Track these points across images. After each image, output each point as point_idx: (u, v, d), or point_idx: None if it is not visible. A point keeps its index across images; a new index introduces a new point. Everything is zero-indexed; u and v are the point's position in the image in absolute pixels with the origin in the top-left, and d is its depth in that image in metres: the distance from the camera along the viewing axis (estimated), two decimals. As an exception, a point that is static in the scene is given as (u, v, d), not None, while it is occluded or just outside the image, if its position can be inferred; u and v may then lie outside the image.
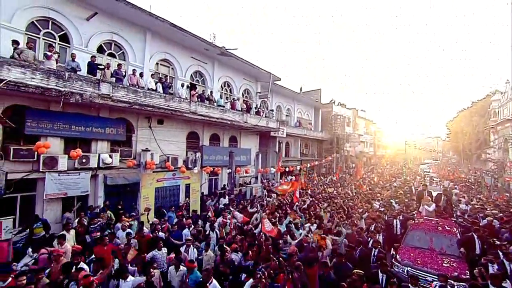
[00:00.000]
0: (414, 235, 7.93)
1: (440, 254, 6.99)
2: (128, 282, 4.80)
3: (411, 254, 7.04)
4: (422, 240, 7.64)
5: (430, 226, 8.25)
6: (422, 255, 6.95)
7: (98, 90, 9.09)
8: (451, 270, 6.20)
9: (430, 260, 6.70)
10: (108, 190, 10.24)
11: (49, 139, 8.94)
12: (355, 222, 9.42)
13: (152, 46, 12.23)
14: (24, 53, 7.84)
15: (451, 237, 7.53)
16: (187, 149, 13.54)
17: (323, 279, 5.39)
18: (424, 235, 7.80)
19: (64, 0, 9.48)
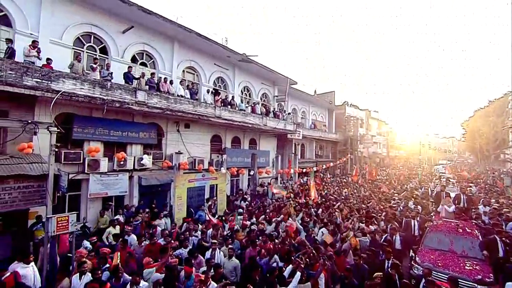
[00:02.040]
0: (433, 236, 7.78)
1: (462, 256, 6.81)
2: (141, 286, 4.83)
3: (431, 256, 6.90)
4: (442, 242, 7.47)
5: (449, 228, 8.08)
6: (442, 257, 6.80)
7: (135, 97, 9.79)
8: (474, 273, 6.04)
9: (452, 263, 6.55)
10: (142, 190, 10.94)
11: (91, 143, 9.71)
12: (375, 222, 9.61)
13: (179, 55, 12.91)
14: (75, 66, 8.62)
15: (472, 239, 7.32)
16: (211, 152, 14.16)
17: (345, 284, 5.47)
18: (443, 237, 7.64)
19: (105, 16, 10.25)
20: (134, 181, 10.66)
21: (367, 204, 12.80)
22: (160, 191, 11.56)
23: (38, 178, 6.85)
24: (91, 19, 9.97)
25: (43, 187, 6.88)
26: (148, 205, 10.48)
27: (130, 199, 10.65)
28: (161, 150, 11.86)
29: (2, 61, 7.09)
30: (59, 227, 6.25)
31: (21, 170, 6.71)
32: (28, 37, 8.45)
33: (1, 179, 6.30)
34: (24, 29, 8.44)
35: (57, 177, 7.10)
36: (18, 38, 8.35)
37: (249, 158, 15.54)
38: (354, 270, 5.72)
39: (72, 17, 9.46)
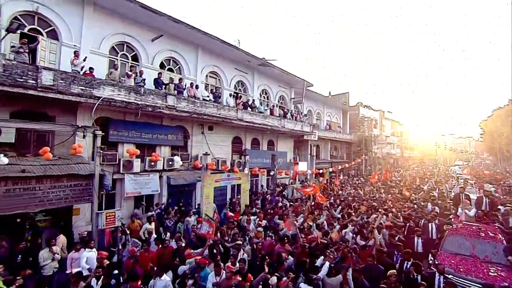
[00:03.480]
0: (453, 240, 7.43)
1: (485, 262, 6.46)
2: (162, 280, 5.01)
3: (451, 261, 6.61)
4: (463, 246, 7.13)
5: (471, 232, 7.65)
6: (464, 262, 6.50)
7: (165, 102, 10.38)
8: (499, 279, 5.70)
9: (474, 268, 6.22)
10: (170, 189, 11.52)
11: (125, 145, 10.36)
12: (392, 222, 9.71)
13: (203, 60, 13.46)
14: (112, 74, 9.27)
15: (496, 244, 6.90)
16: (232, 153, 14.66)
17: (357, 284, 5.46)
18: (464, 241, 7.28)
19: (136, 26, 10.89)
20: (163, 181, 11.24)
21: (383, 206, 12.90)
22: (186, 190, 12.14)
23: (86, 177, 7.47)
24: (124, 29, 10.63)
25: (90, 185, 7.51)
26: (176, 204, 11.07)
27: (159, 198, 11.23)
28: (187, 151, 12.44)
29: (55, 71, 7.77)
30: (108, 221, 6.86)
31: (72, 170, 7.35)
32: (72, 48, 9.16)
33: (57, 178, 6.95)
34: (68, 41, 9.15)
35: (101, 176, 7.70)
36: (64, 49, 9.07)
37: (268, 159, 15.95)
38: (368, 271, 5.70)
39: (108, 28, 10.14)
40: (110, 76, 9.32)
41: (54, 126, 7.74)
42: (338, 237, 7.71)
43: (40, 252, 6.06)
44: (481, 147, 53.14)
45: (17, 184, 6.34)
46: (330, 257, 5.77)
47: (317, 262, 5.97)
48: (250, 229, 8.65)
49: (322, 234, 7.89)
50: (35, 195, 6.62)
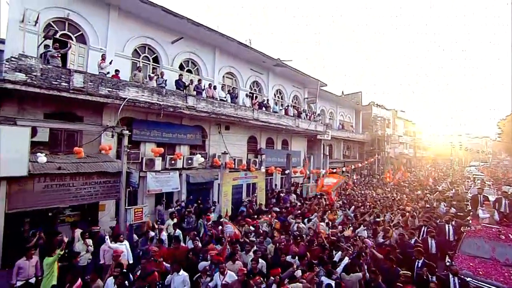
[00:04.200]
0: (472, 243, 7.22)
1: (506, 265, 6.27)
2: (179, 276, 5.07)
3: (470, 264, 6.45)
4: (482, 248, 6.92)
5: (490, 234, 7.43)
6: (483, 266, 6.33)
7: (185, 102, 10.66)
8: None
9: (495, 272, 6.05)
10: (189, 187, 11.82)
11: (147, 144, 10.71)
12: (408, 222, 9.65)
13: (220, 61, 13.70)
14: (136, 75, 9.61)
15: None
16: (247, 152, 14.86)
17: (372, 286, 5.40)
18: (483, 243, 7.06)
19: (157, 29, 11.21)
20: (183, 179, 11.54)
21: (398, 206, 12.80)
22: (204, 188, 12.42)
23: (114, 175, 7.82)
24: (146, 32, 10.97)
25: (117, 182, 7.84)
26: (194, 201, 11.36)
27: (179, 195, 11.54)
28: (205, 150, 12.71)
29: (85, 74, 8.16)
30: (136, 217, 7.17)
31: (101, 168, 7.71)
32: (99, 51, 9.55)
33: (88, 175, 7.31)
34: (95, 45, 9.55)
35: (128, 174, 8.02)
36: (91, 53, 9.48)
37: (282, 158, 16.08)
38: (386, 274, 5.59)
39: (131, 31, 10.50)
40: (134, 78, 9.66)
41: (86, 126, 8.12)
42: (352, 235, 7.77)
43: (76, 244, 6.41)
44: (499, 147, 51.33)
45: (54, 181, 6.73)
46: (348, 252, 5.90)
47: (335, 257, 6.11)
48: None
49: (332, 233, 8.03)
50: (69, 191, 7.00)
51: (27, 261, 5.53)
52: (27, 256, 5.55)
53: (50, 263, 5.13)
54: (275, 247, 6.94)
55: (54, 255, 5.23)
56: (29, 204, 6.39)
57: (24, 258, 5.53)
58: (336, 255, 6.19)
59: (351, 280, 5.34)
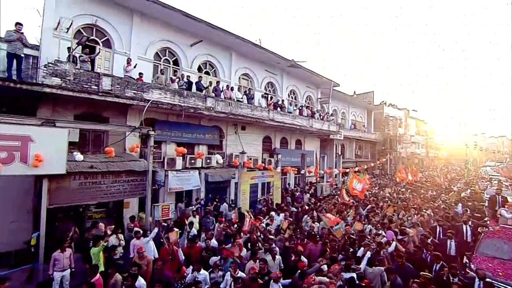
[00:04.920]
0: (490, 243, 7.18)
1: None
2: (201, 274, 5.18)
3: (488, 264, 6.39)
4: (501, 249, 6.86)
5: (510, 235, 7.36)
6: (502, 267, 6.27)
7: (205, 103, 10.93)
8: None
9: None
10: (207, 186, 12.10)
11: (168, 144, 11.04)
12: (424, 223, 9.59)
13: (236, 63, 13.94)
14: (159, 78, 9.94)
15: None
16: (262, 151, 15.06)
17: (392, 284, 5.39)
18: (502, 244, 6.99)
19: (177, 32, 11.53)
20: (202, 178, 11.81)
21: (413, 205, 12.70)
22: (221, 187, 12.68)
23: (140, 173, 8.12)
24: (167, 35, 11.30)
25: (144, 181, 8.14)
26: (212, 199, 11.63)
27: (197, 193, 11.83)
28: (222, 150, 12.98)
29: (112, 78, 8.52)
30: (163, 213, 7.46)
31: (129, 166, 8.03)
32: (123, 55, 9.93)
33: (117, 174, 7.63)
34: (120, 49, 9.93)
35: (154, 173, 8.33)
36: (116, 56, 9.86)
37: (296, 157, 16.20)
38: (400, 271, 5.56)
39: (153, 35, 10.85)
40: (157, 80, 9.99)
41: (114, 127, 8.48)
42: (362, 227, 7.97)
43: (109, 238, 6.74)
44: (516, 146, 49.87)
45: (87, 178, 7.06)
46: (370, 247, 6.06)
47: (358, 252, 6.28)
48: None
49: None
50: (100, 188, 7.33)
51: (61, 253, 5.89)
52: (61, 249, 5.91)
53: (97, 253, 5.50)
54: (283, 246, 6.92)
55: (99, 246, 5.57)
56: (66, 201, 6.74)
57: (59, 251, 5.89)
58: (359, 251, 6.33)
59: (373, 273, 5.51)
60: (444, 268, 5.65)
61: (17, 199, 7.84)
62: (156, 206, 7.51)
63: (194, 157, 11.26)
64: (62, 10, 8.39)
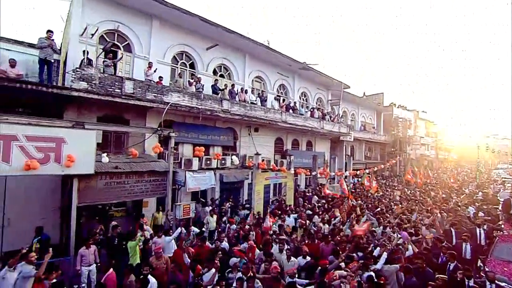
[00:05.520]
0: (505, 247, 7.08)
1: None
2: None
3: (504, 268, 6.33)
4: None
5: None
6: None
7: (221, 106, 11.15)
8: None
9: None
10: (221, 186, 12.30)
11: (185, 145, 11.30)
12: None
13: (249, 66, 14.12)
14: (178, 81, 10.20)
15: None
16: (274, 153, 15.20)
17: (405, 284, 5.42)
18: None
19: (194, 36, 11.77)
20: (217, 178, 12.01)
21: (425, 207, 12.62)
22: (235, 187, 12.88)
23: (162, 173, 8.37)
24: (184, 39, 11.56)
25: (164, 181, 8.39)
26: (226, 199, 11.82)
27: (212, 193, 12.04)
28: (236, 151, 13.17)
29: (134, 81, 8.80)
30: (184, 212, 7.68)
31: (151, 167, 8.28)
32: (143, 59, 10.22)
33: (140, 174, 7.89)
34: (140, 53, 10.22)
35: (174, 173, 8.57)
36: (136, 61, 10.16)
37: (306, 159, 16.28)
38: (418, 274, 5.53)
39: (171, 40, 11.12)
40: (175, 83, 10.25)
41: (139, 130, 8.77)
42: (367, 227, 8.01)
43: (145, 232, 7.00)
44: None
45: (112, 178, 7.33)
46: (386, 248, 6.18)
47: (375, 252, 6.38)
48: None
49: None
50: (124, 188, 7.59)
51: (87, 250, 6.16)
52: (86, 246, 6.17)
53: (134, 246, 5.80)
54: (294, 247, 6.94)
55: (135, 240, 5.83)
56: (94, 199, 7.03)
57: (84, 248, 6.16)
58: (375, 251, 6.43)
59: (388, 270, 5.59)
60: (459, 270, 5.60)
61: (45, 197, 8.19)
62: (177, 206, 7.73)
63: (209, 158, 11.48)
64: (87, 17, 8.72)
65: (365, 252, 6.47)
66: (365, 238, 7.68)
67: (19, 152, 5.59)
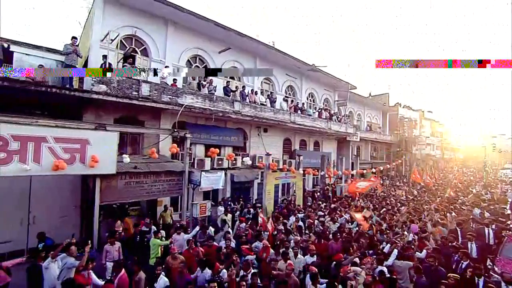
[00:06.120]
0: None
1: None
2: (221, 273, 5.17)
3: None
4: None
5: None
6: None
7: (232, 107, 11.33)
8: None
9: None
10: (232, 186, 12.49)
11: (197, 146, 11.51)
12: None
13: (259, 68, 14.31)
14: (191, 84, 10.41)
15: None
16: (283, 153, 15.35)
17: (416, 283, 5.49)
18: None
19: (207, 40, 11.98)
20: (228, 178, 12.21)
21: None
22: (245, 187, 13.05)
23: (178, 173, 8.59)
24: (197, 43, 11.77)
25: (180, 180, 8.61)
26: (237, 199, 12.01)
27: (223, 193, 12.25)
28: (245, 151, 13.36)
29: (150, 84, 9.03)
30: (201, 211, 7.88)
31: (168, 167, 8.51)
32: (159, 63, 10.45)
33: (157, 174, 8.12)
34: (156, 57, 10.45)
35: (190, 173, 8.78)
36: (153, 64, 10.38)
37: (314, 159, 16.39)
38: (430, 273, 5.59)
39: (185, 44, 11.34)
40: (189, 86, 10.47)
41: (157, 131, 9.01)
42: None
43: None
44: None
45: (132, 178, 7.57)
46: (397, 245, 6.37)
47: (385, 248, 6.53)
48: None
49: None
50: (143, 187, 7.83)
51: (111, 246, 6.39)
52: (111, 243, 6.41)
53: (157, 244, 5.99)
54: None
55: (158, 237, 6.07)
56: (114, 198, 7.28)
57: (109, 244, 6.39)
58: (385, 248, 6.57)
59: (401, 266, 5.79)
60: (469, 268, 5.67)
61: (65, 196, 8.43)
62: (194, 204, 7.94)
63: (221, 158, 11.67)
64: (107, 23, 8.97)
65: (376, 249, 6.63)
66: (375, 237, 7.80)
67: (48, 153, 5.85)
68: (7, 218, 7.07)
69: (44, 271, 4.91)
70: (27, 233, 7.41)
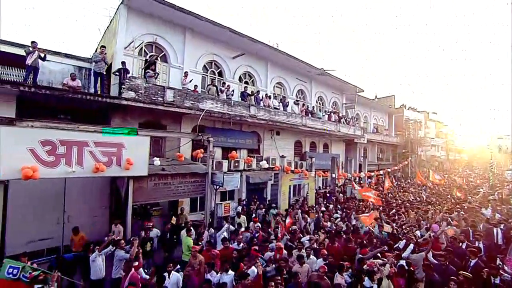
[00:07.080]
0: None
1: None
2: (229, 275, 5.10)
3: None
4: None
5: None
6: None
7: (248, 111, 11.73)
8: None
9: None
10: (247, 187, 12.86)
11: (216, 149, 11.87)
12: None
13: (271, 73, 14.68)
14: (211, 89, 10.83)
15: None
16: (294, 155, 15.70)
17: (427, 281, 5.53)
18: None
19: (222, 46, 12.41)
20: (243, 179, 12.58)
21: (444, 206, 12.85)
22: (259, 188, 13.41)
23: (201, 175, 8.96)
24: (213, 49, 12.20)
25: (203, 182, 8.98)
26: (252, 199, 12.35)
27: (239, 194, 12.61)
28: (259, 154, 13.72)
29: (174, 90, 9.46)
30: (225, 210, 8.24)
31: (192, 169, 8.90)
32: (177, 69, 10.89)
33: (183, 175, 8.50)
34: (175, 63, 10.88)
35: (213, 175, 9.15)
36: (172, 70, 10.83)
37: (324, 161, 16.71)
38: (440, 271, 5.61)
39: (202, 50, 11.76)
40: (209, 91, 10.88)
41: (182, 135, 9.42)
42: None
43: (182, 231, 7.58)
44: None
45: (160, 180, 7.95)
46: (413, 240, 6.76)
47: (399, 244, 6.83)
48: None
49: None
50: (170, 188, 8.20)
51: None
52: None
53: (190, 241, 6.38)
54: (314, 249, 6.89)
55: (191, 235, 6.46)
56: (145, 199, 7.66)
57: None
58: (400, 243, 6.86)
59: (416, 259, 6.16)
60: (480, 267, 5.78)
61: (96, 197, 8.85)
62: (218, 204, 8.31)
63: (238, 160, 12.04)
64: (134, 31, 9.43)
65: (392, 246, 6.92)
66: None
67: (89, 156, 6.25)
68: (46, 218, 7.49)
69: (91, 263, 5.36)
70: (62, 231, 7.82)
